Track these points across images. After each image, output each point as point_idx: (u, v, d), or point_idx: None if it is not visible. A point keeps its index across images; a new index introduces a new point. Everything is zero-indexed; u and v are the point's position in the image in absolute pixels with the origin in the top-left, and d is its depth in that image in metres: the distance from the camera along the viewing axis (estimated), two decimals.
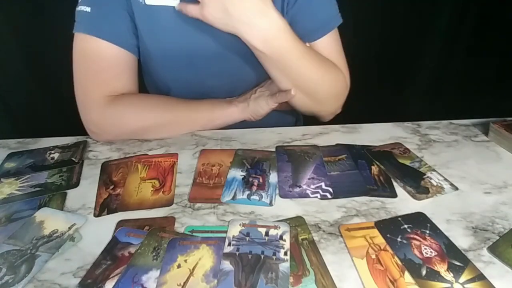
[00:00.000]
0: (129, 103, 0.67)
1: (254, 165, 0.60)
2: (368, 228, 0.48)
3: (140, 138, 0.68)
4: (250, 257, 0.43)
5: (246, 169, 0.59)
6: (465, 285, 0.41)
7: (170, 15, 0.63)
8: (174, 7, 0.62)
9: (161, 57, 0.68)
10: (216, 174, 0.59)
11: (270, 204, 0.53)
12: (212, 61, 0.69)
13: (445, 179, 0.57)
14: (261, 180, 0.57)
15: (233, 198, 0.53)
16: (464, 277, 0.42)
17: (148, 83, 0.80)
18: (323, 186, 0.56)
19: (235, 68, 0.71)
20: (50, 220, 0.50)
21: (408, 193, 0.55)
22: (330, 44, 0.72)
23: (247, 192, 0.54)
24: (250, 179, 0.57)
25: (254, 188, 0.55)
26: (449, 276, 0.42)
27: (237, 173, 0.58)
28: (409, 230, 0.48)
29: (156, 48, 0.67)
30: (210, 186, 0.56)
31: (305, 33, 0.68)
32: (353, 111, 0.87)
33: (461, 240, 0.47)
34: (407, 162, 0.61)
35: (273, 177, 0.58)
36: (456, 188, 0.56)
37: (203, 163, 0.61)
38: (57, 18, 1.03)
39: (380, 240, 0.47)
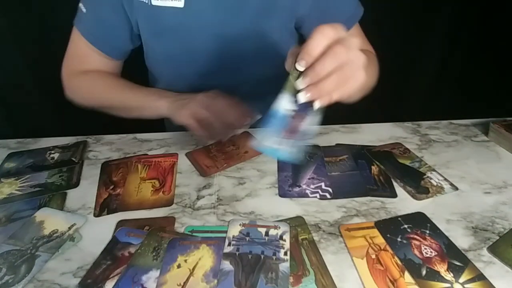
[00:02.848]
0: (89, 79, 0.71)
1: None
2: (368, 228, 0.48)
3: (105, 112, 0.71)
4: (250, 257, 0.43)
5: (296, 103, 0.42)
6: (465, 285, 0.41)
7: (174, 15, 0.64)
8: (178, 7, 0.63)
9: (164, 55, 0.69)
10: (227, 152, 0.63)
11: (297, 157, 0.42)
12: (213, 59, 0.69)
13: (445, 179, 0.57)
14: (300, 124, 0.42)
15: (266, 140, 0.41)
16: (464, 277, 0.42)
17: (151, 79, 0.81)
18: (323, 186, 0.56)
19: (236, 67, 0.71)
20: (50, 220, 0.50)
21: (408, 193, 0.55)
22: (358, 35, 0.75)
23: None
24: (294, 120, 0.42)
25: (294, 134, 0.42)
26: (449, 276, 0.42)
27: (286, 104, 0.42)
28: (409, 230, 0.48)
29: (160, 47, 0.68)
30: (211, 156, 0.60)
31: (341, 18, 0.70)
32: (353, 111, 0.87)
33: (461, 240, 0.47)
34: (407, 162, 0.61)
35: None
36: (456, 188, 0.56)
37: (232, 140, 0.64)
38: (57, 18, 1.03)
39: (380, 240, 0.47)
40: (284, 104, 0.43)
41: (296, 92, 0.42)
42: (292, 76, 0.42)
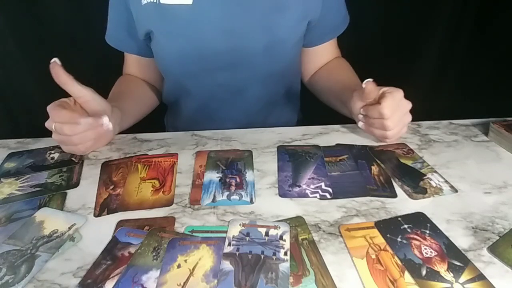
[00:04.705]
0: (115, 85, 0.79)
1: (229, 166, 0.60)
2: (368, 228, 0.48)
3: None
4: (250, 257, 0.43)
5: (222, 170, 0.59)
6: (465, 285, 0.41)
7: (183, 12, 0.65)
8: (187, 4, 0.65)
9: (173, 53, 0.70)
10: None
11: (251, 202, 0.53)
12: (222, 56, 0.69)
13: (446, 181, 0.57)
14: (238, 180, 0.57)
15: (213, 200, 0.53)
16: (464, 277, 0.42)
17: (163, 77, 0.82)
18: (323, 186, 0.56)
19: (244, 63, 0.71)
20: (50, 220, 0.50)
21: (405, 192, 0.55)
22: (335, 41, 0.82)
23: (226, 193, 0.55)
24: (227, 180, 0.57)
25: (233, 188, 0.56)
26: (449, 276, 0.42)
27: (213, 175, 0.58)
28: (409, 230, 0.48)
29: (169, 44, 0.69)
30: None
31: (333, 26, 0.77)
32: None
33: (461, 240, 0.47)
34: (409, 163, 0.61)
35: (249, 176, 0.58)
36: (456, 191, 0.55)
37: (200, 164, 0.61)
38: (57, 18, 1.03)
39: (380, 240, 0.47)
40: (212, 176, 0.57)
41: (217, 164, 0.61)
42: None
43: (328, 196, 0.54)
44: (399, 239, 0.46)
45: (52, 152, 0.65)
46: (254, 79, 0.74)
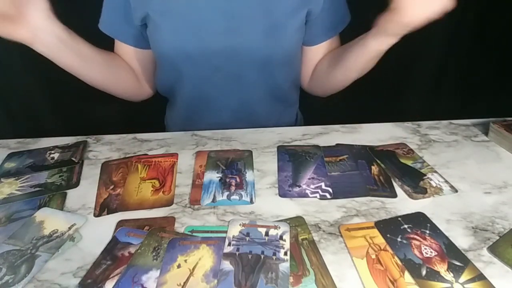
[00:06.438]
0: None
1: (229, 166, 0.60)
2: (368, 228, 0.48)
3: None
4: (250, 257, 0.43)
5: (222, 170, 0.59)
6: (465, 285, 0.41)
7: None
8: None
9: (170, 34, 0.69)
10: None
11: (251, 202, 0.53)
12: (220, 38, 0.69)
13: (446, 181, 0.57)
14: (238, 180, 0.57)
15: (213, 200, 0.53)
16: (464, 277, 0.42)
17: (158, 65, 0.80)
18: (323, 186, 0.56)
19: (242, 47, 0.70)
20: (50, 220, 0.50)
21: (405, 192, 0.55)
22: (336, 40, 0.80)
23: (226, 193, 0.55)
24: (227, 180, 0.57)
25: (233, 188, 0.56)
26: (449, 276, 0.42)
27: (213, 175, 0.58)
28: (409, 230, 0.48)
29: (167, 25, 0.68)
30: None
31: (334, 23, 0.75)
32: (353, 111, 0.87)
33: (461, 240, 0.47)
34: (409, 163, 0.61)
35: (249, 176, 0.58)
36: (456, 191, 0.55)
37: (201, 164, 0.61)
38: (57, 18, 1.02)
39: (380, 240, 0.47)
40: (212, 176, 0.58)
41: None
42: None
43: (328, 196, 0.54)
44: (399, 239, 0.46)
45: (52, 152, 0.65)
46: (252, 65, 0.73)
